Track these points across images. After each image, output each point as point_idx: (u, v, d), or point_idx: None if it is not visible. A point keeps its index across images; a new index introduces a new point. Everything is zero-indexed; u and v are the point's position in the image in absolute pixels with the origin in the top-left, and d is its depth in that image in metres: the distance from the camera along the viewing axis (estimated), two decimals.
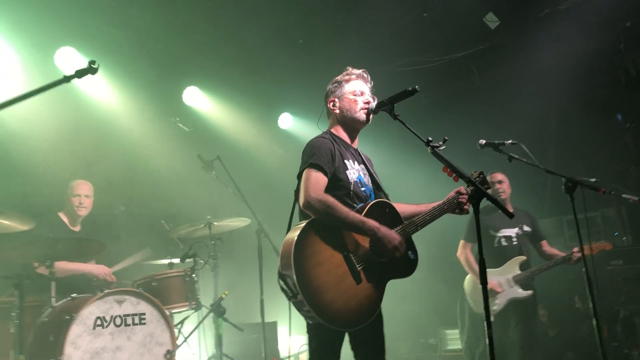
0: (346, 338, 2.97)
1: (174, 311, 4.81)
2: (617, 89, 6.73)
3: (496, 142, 3.90)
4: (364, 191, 3.05)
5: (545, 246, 5.38)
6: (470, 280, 5.39)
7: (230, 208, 5.75)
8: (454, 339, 6.65)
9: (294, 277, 2.60)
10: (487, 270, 4.59)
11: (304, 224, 2.76)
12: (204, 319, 4.89)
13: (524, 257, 5.20)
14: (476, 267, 4.79)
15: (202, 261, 5.02)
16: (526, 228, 5.33)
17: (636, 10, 6.12)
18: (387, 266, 2.89)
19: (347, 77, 3.24)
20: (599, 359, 3.37)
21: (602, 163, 7.17)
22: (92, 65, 2.47)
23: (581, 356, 5.89)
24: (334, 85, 3.25)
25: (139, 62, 5.94)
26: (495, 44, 6.81)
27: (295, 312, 2.75)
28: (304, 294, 2.59)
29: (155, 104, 6.30)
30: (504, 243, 5.26)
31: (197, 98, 6.73)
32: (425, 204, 3.18)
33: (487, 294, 2.54)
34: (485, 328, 2.50)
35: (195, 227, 5.24)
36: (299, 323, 2.95)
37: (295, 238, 2.68)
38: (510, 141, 3.90)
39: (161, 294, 4.62)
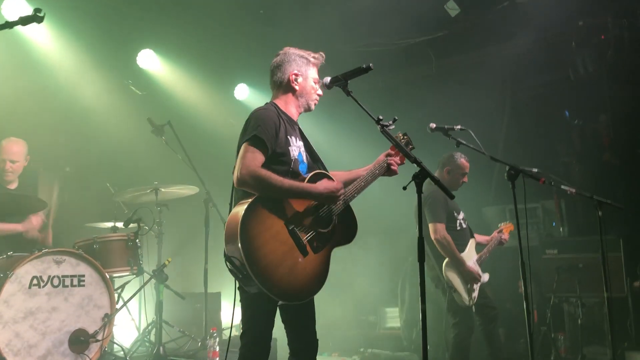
0: None
1: (115, 275, 4.76)
2: (566, 85, 6.97)
3: (446, 126, 4.00)
4: (302, 169, 3.03)
5: None
6: (453, 270, 4.64)
7: (179, 175, 5.67)
8: (393, 317, 6.83)
9: (243, 258, 2.58)
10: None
11: (246, 204, 2.71)
12: (144, 284, 4.85)
13: (475, 239, 5.01)
14: (459, 254, 4.64)
15: (146, 227, 4.96)
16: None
17: (589, 11, 6.33)
18: (330, 235, 2.95)
19: (313, 59, 3.15)
20: (526, 336, 3.53)
21: (548, 157, 7.44)
22: (38, 14, 2.38)
23: (511, 333, 6.16)
24: (301, 58, 3.13)
25: (92, 19, 5.75)
26: (454, 33, 6.90)
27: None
28: (254, 273, 2.58)
29: (108, 64, 6.12)
30: (463, 225, 4.94)
31: (151, 61, 6.56)
32: (356, 170, 3.23)
33: (424, 274, 2.59)
34: (420, 303, 2.56)
35: (141, 192, 5.15)
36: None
37: (241, 218, 2.64)
38: (459, 127, 4.00)
39: (102, 257, 4.55)
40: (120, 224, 5.04)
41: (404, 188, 3.13)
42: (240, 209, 2.70)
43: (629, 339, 5.51)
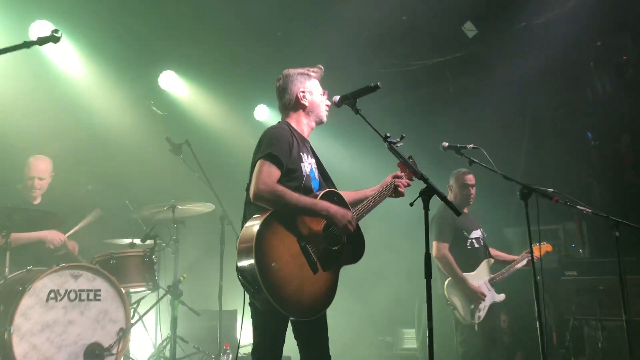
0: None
1: (131, 290, 4.83)
2: (586, 106, 6.91)
3: (458, 145, 4.01)
4: (314, 186, 3.09)
5: (494, 250, 5.27)
6: (455, 289, 4.77)
7: (195, 193, 5.76)
8: (410, 338, 6.76)
9: (256, 271, 2.62)
10: (464, 274, 4.70)
11: (262, 219, 2.76)
12: (160, 299, 4.91)
13: (492, 260, 5.06)
14: (460, 273, 4.71)
15: (163, 243, 5.04)
16: (482, 231, 5.22)
17: (607, 31, 6.30)
18: (339, 254, 3.00)
19: (314, 73, 3.27)
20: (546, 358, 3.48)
21: (569, 178, 7.34)
22: (55, 34, 2.49)
23: (531, 355, 6.02)
24: (302, 75, 3.23)
25: (115, 41, 5.95)
26: (471, 53, 6.92)
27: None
28: (266, 287, 2.62)
29: (130, 84, 6.29)
30: (475, 245, 5.00)
31: (173, 82, 6.73)
32: (364, 189, 3.29)
33: (430, 288, 2.62)
34: (426, 320, 2.57)
35: (159, 209, 5.24)
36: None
37: (256, 233, 2.69)
38: (471, 145, 4.01)
39: (119, 272, 4.63)
40: (137, 240, 5.12)
41: (411, 204, 3.14)
42: (255, 223, 2.76)
43: None
